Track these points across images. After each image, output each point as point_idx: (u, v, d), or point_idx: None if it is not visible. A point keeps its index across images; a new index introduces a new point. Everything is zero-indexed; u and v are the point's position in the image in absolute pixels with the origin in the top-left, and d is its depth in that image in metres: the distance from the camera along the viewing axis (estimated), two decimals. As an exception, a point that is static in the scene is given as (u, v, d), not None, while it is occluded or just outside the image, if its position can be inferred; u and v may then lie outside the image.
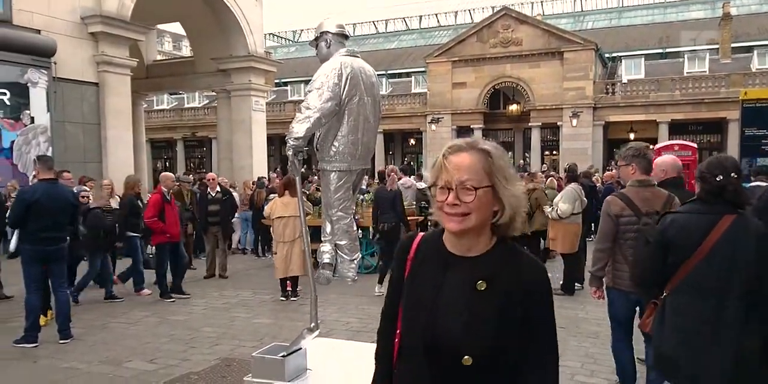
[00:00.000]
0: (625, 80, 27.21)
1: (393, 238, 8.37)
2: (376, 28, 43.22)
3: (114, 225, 7.69)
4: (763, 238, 2.67)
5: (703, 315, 2.65)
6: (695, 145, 15.16)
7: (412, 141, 33.07)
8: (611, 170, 13.58)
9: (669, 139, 22.33)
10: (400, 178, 11.99)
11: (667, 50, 29.69)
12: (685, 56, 28.10)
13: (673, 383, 2.87)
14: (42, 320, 6.03)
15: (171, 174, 8.93)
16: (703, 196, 2.79)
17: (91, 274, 7.64)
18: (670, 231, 2.80)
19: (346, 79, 3.29)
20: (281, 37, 47.21)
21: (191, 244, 10.38)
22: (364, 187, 9.90)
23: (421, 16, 42.80)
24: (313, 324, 3.33)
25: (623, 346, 4.00)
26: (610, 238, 3.84)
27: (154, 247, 8.13)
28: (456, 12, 42.01)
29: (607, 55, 29.67)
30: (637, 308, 3.81)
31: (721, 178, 2.70)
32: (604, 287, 4.01)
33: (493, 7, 35.76)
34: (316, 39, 3.55)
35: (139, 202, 8.34)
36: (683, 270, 2.73)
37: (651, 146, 4.29)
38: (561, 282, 7.91)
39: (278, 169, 18.86)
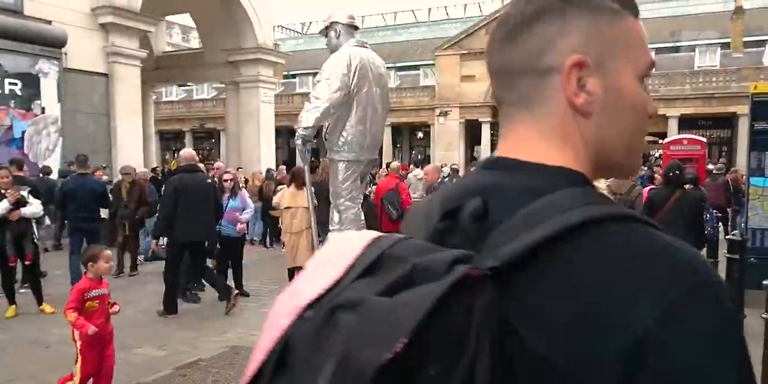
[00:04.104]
0: (634, 74, 26.99)
1: None
2: (385, 20, 43.02)
3: None
4: (694, 200, 5.69)
5: (669, 234, 4.73)
6: (704, 140, 15.15)
7: (420, 134, 33.02)
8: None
9: (678, 134, 22.21)
10: (411, 170, 12.06)
11: (678, 44, 29.43)
12: (696, 50, 27.84)
13: None
14: (11, 311, 6.31)
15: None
16: (665, 182, 5.88)
17: None
18: (652, 196, 5.78)
19: (355, 69, 3.32)
20: (290, 30, 47.14)
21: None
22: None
23: (430, 9, 42.58)
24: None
25: None
26: None
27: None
28: (465, 4, 41.73)
29: (617, 49, 29.38)
30: None
31: (671, 174, 5.70)
32: None
33: (502, 0, 35.59)
34: (326, 28, 3.58)
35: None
36: (659, 216, 4.93)
37: (660, 141, 6.06)
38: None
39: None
